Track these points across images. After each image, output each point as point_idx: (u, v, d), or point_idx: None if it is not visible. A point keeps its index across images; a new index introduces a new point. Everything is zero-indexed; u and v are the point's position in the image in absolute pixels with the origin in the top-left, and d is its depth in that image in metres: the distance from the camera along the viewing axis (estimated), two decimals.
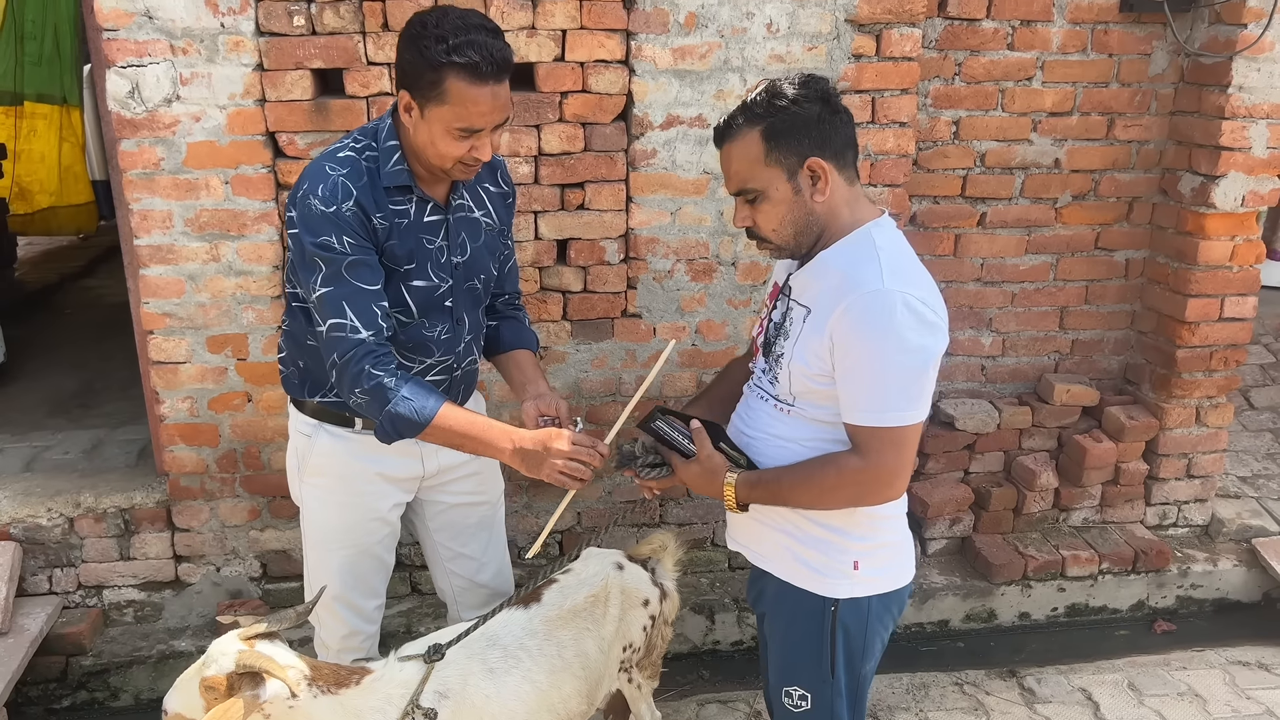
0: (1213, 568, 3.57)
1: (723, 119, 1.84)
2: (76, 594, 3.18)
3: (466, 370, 2.26)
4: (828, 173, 1.78)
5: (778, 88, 1.78)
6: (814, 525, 1.90)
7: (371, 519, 2.27)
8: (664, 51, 2.87)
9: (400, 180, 1.99)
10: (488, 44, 1.83)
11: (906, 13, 2.94)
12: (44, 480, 3.24)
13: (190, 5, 2.64)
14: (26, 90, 7.11)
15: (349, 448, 2.18)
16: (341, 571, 2.27)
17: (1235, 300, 3.41)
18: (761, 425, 1.96)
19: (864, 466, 1.78)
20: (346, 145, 2.01)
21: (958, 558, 3.56)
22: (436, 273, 2.08)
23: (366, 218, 1.95)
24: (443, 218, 2.08)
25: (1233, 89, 3.19)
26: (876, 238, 1.80)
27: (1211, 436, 3.59)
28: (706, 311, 3.16)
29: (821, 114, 1.77)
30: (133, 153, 2.74)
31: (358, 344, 1.93)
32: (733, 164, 1.83)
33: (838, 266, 1.80)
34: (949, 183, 3.38)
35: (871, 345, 1.72)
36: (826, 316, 1.77)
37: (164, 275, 2.86)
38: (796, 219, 1.81)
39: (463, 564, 2.45)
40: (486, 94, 1.85)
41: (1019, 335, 3.61)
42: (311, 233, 1.92)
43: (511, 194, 2.28)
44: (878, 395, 1.74)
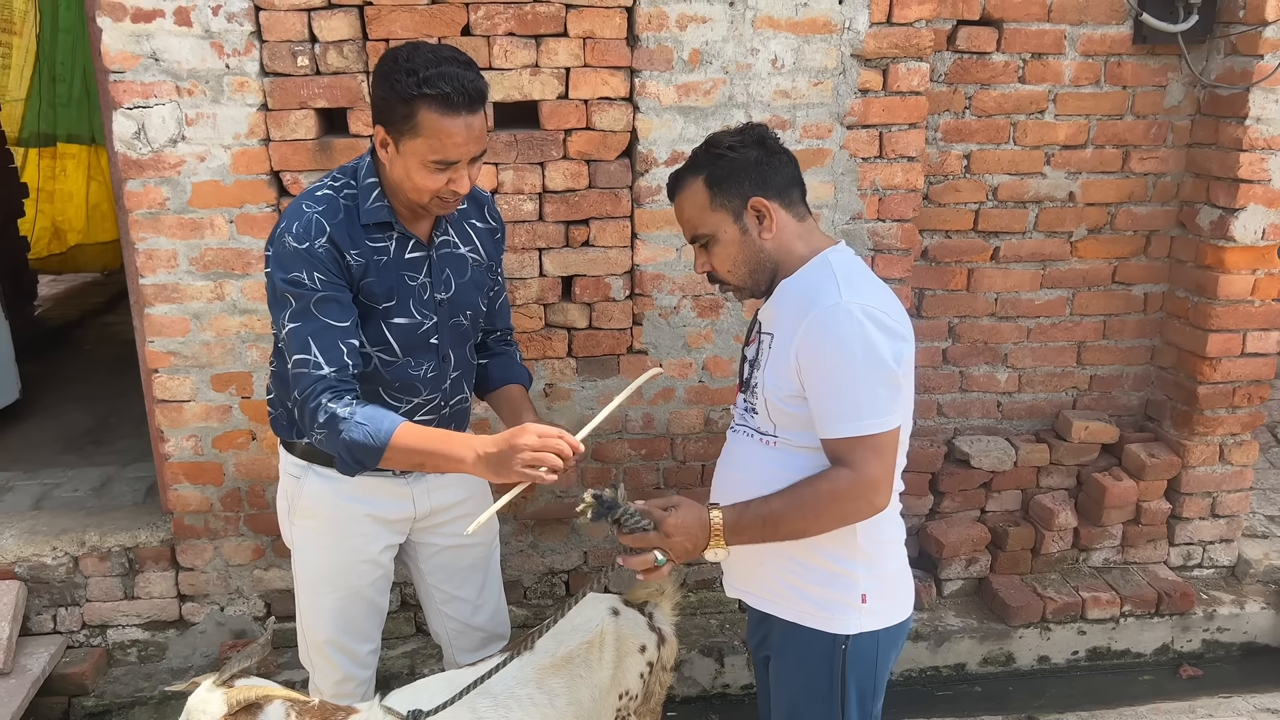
0: (1240, 610, 3.46)
1: (670, 176, 1.96)
2: (80, 633, 3.16)
3: (456, 409, 2.23)
4: (771, 210, 1.87)
5: (716, 138, 1.92)
6: (820, 557, 1.89)
7: (362, 561, 2.23)
8: (668, 88, 2.86)
9: (380, 217, 1.98)
10: (459, 75, 1.83)
11: (913, 47, 2.91)
12: (50, 518, 3.24)
13: (196, 47, 2.66)
14: (58, 131, 7.26)
15: (338, 489, 2.15)
16: (333, 615, 2.24)
17: (1258, 335, 3.33)
18: (751, 463, 1.95)
19: (854, 477, 1.78)
20: (325, 184, 2.01)
21: (974, 599, 3.47)
22: (419, 310, 2.06)
23: (340, 254, 1.94)
24: (425, 254, 2.07)
25: (1250, 120, 3.13)
26: (832, 260, 1.87)
27: (1236, 474, 3.49)
28: (713, 348, 3.12)
29: (759, 157, 1.87)
30: (138, 193, 2.75)
31: (318, 379, 1.91)
32: (684, 213, 1.93)
33: (796, 290, 1.87)
34: (961, 217, 3.33)
35: (836, 357, 1.76)
36: (789, 338, 1.83)
37: (169, 314, 2.87)
38: (748, 258, 1.89)
39: (457, 606, 2.41)
40: (460, 125, 1.84)
41: (1035, 371, 3.54)
42: (283, 269, 1.92)
43: (500, 229, 2.26)
44: (850, 405, 1.76)
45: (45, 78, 6.95)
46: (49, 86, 7.01)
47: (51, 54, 6.90)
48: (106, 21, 2.62)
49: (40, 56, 6.81)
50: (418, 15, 2.70)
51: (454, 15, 2.71)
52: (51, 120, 7.15)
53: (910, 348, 1.83)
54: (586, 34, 2.78)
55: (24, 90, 6.65)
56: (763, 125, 1.94)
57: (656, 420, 3.17)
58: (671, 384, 3.14)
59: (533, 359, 3.04)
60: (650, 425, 3.17)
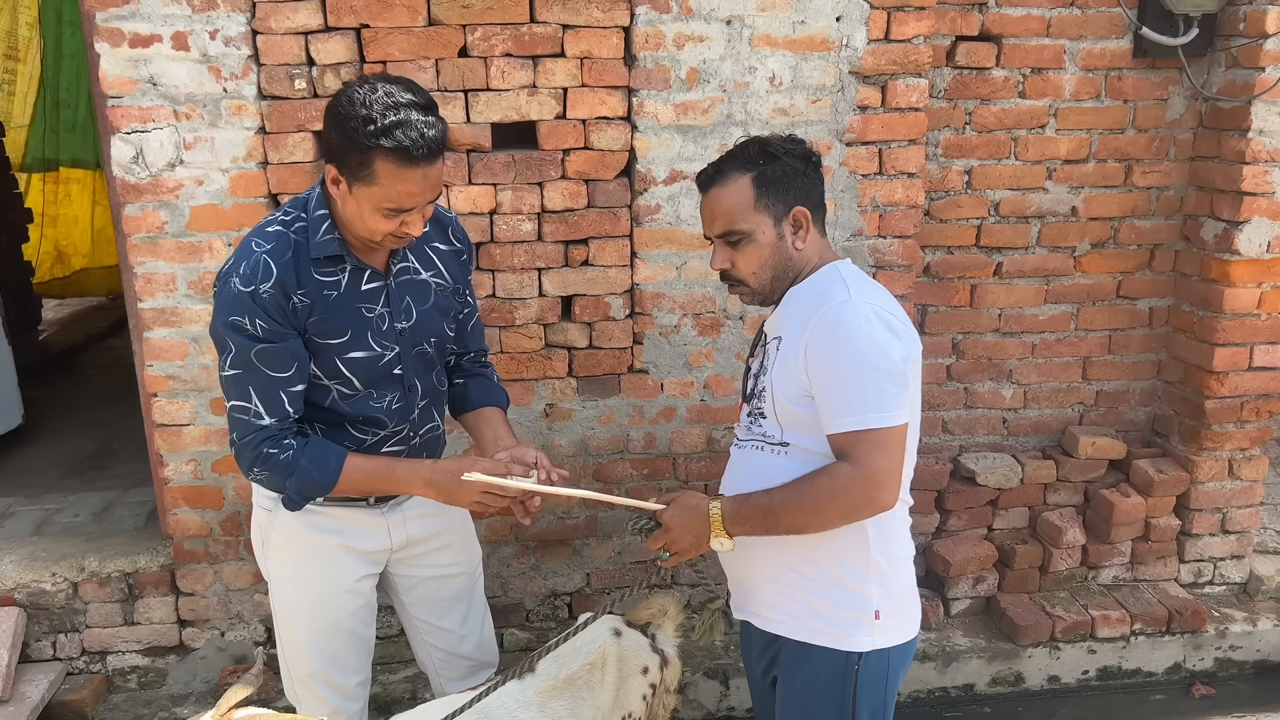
0: (1252, 628, 3.41)
1: (709, 166, 1.94)
2: (80, 660, 3.14)
3: (426, 438, 2.19)
4: (809, 222, 1.91)
5: (768, 141, 1.93)
6: (830, 568, 1.88)
7: (341, 592, 2.18)
8: (666, 107, 2.85)
9: (330, 250, 1.94)
10: (419, 124, 1.77)
11: (912, 63, 2.90)
12: (50, 544, 3.22)
13: (193, 71, 2.67)
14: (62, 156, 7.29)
15: (311, 520, 2.11)
16: (316, 648, 2.19)
17: (1265, 349, 3.30)
18: (762, 475, 1.91)
19: (855, 472, 1.77)
20: (277, 218, 1.97)
21: (982, 618, 3.43)
22: (379, 342, 2.02)
23: (285, 298, 1.90)
24: (383, 284, 2.02)
25: (1253, 133, 3.11)
26: (840, 268, 1.92)
27: (1246, 490, 3.45)
28: (715, 366, 3.10)
29: (806, 169, 1.92)
30: (136, 217, 2.75)
31: (259, 429, 1.91)
32: (720, 207, 1.91)
33: (805, 294, 1.90)
34: (963, 233, 3.32)
35: (844, 350, 1.78)
36: (798, 336, 1.84)
37: (168, 338, 2.86)
38: (776, 263, 1.91)
39: (441, 637, 2.37)
40: (417, 176, 1.80)
41: (1041, 387, 3.51)
42: (226, 312, 1.88)
43: (466, 249, 2.20)
44: (856, 398, 1.77)
45: (49, 103, 6.98)
46: (53, 112, 7.04)
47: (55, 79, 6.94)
48: (104, 47, 2.62)
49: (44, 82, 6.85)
50: (415, 37, 2.70)
51: (451, 37, 2.72)
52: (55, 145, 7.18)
53: (918, 350, 1.85)
54: (584, 54, 2.78)
55: (28, 116, 6.69)
56: (806, 142, 1.97)
57: (659, 440, 3.14)
58: (673, 403, 3.12)
59: (533, 379, 3.03)
60: (652, 445, 3.15)
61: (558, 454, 3.11)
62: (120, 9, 2.60)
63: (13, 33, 6.66)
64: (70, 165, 7.33)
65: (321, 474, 1.94)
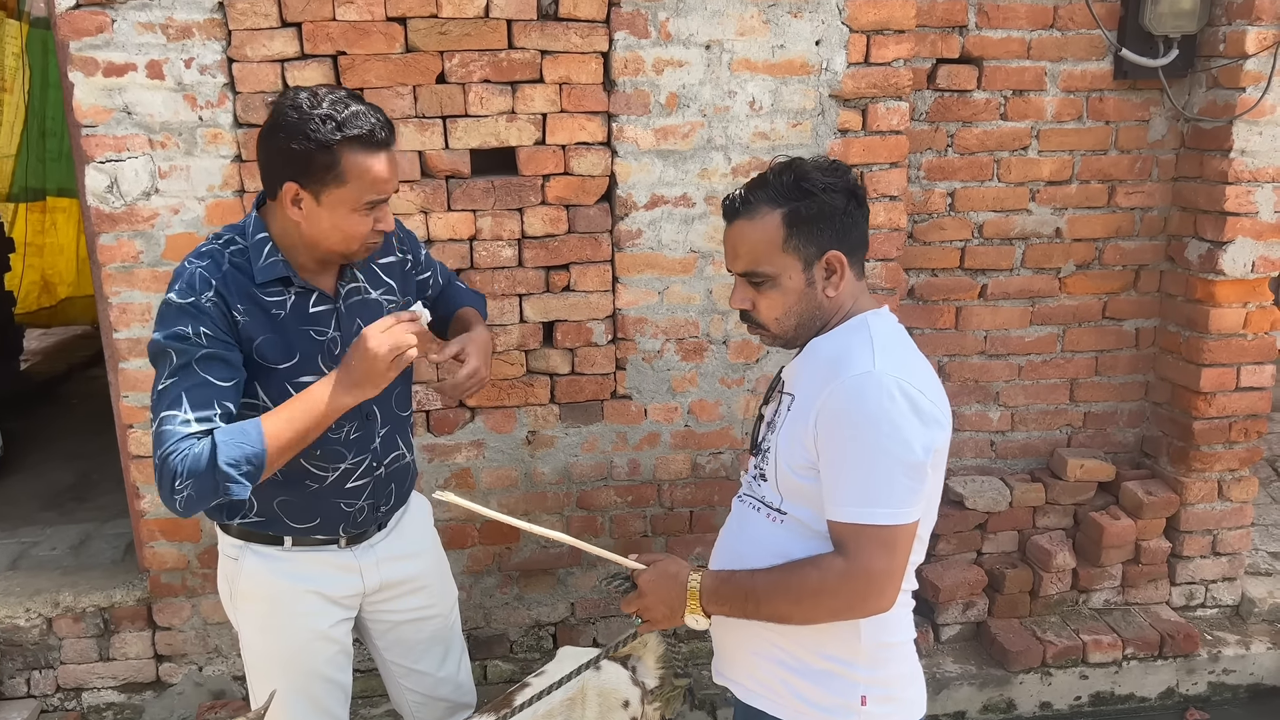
0: (1245, 651, 3.37)
1: (738, 193, 1.72)
2: (55, 697, 3.08)
3: (392, 469, 2.11)
4: (844, 267, 1.69)
5: (806, 172, 1.67)
6: (815, 657, 1.72)
7: (315, 639, 2.09)
8: (646, 132, 2.84)
9: (276, 273, 1.88)
10: (370, 113, 1.80)
11: (892, 87, 2.90)
12: (25, 579, 3.17)
13: (169, 100, 2.65)
14: (48, 185, 7.27)
15: (277, 567, 2.05)
16: (293, 698, 2.09)
17: (1252, 369, 3.28)
18: (755, 539, 1.77)
19: (848, 570, 1.59)
20: (208, 242, 1.92)
21: (972, 644, 3.38)
22: (328, 365, 1.93)
23: (227, 308, 1.83)
24: (332, 307, 1.96)
25: (1235, 153, 3.11)
26: (871, 324, 1.70)
27: (1236, 511, 3.43)
28: (698, 391, 3.07)
29: (847, 206, 1.68)
30: (111, 246, 2.72)
31: (183, 437, 1.72)
32: (745, 243, 1.70)
33: (826, 351, 1.70)
34: (947, 255, 3.30)
35: (859, 432, 1.58)
36: (811, 401, 1.65)
37: (144, 368, 2.82)
38: (802, 310, 1.71)
39: (417, 679, 2.30)
40: (383, 161, 1.81)
41: (1028, 409, 3.49)
42: (165, 325, 1.79)
43: (410, 251, 2.17)
44: (865, 488, 1.58)
45: (35, 133, 6.96)
46: (38, 141, 7.02)
47: (42, 109, 6.93)
48: (78, 76, 2.60)
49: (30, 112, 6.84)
50: (392, 64, 2.69)
51: (428, 63, 2.70)
52: (41, 175, 7.16)
53: (945, 435, 1.67)
54: (562, 80, 2.77)
55: (14, 146, 6.67)
56: (851, 170, 1.73)
57: (643, 466, 3.11)
58: (657, 429, 3.09)
59: (514, 406, 2.99)
60: (637, 471, 3.11)
61: (540, 481, 3.07)
62: (94, 38, 2.58)
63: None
64: (56, 194, 7.31)
65: (244, 438, 1.73)
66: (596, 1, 2.73)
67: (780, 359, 3.02)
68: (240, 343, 1.86)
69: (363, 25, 2.65)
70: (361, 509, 2.07)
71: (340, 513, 2.05)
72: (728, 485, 3.14)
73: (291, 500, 2.01)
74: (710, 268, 2.96)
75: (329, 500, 2.03)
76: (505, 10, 2.69)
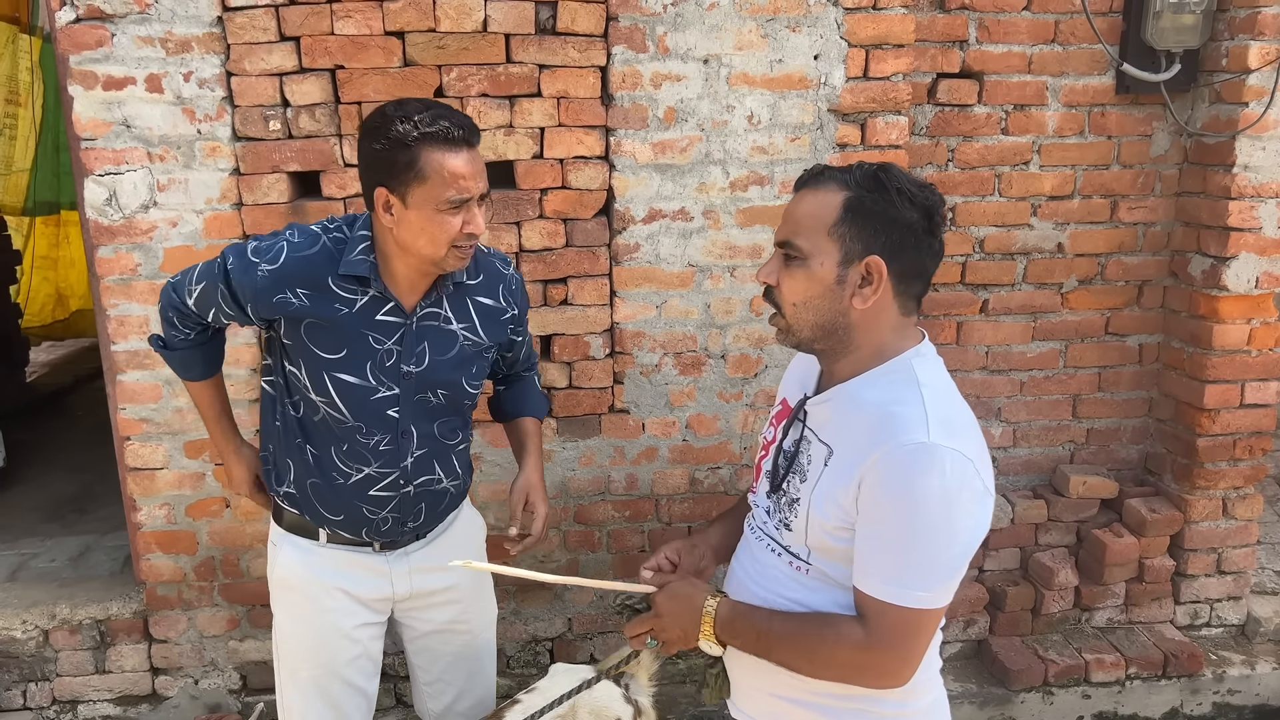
0: (1250, 671, 3.33)
1: (816, 166, 1.63)
2: (50, 709, 3.08)
3: (423, 490, 2.11)
4: (881, 282, 1.53)
5: (892, 173, 1.54)
6: (841, 698, 1.63)
7: (338, 637, 2.14)
8: (644, 146, 2.84)
9: (358, 270, 1.93)
10: (451, 114, 1.85)
11: (891, 101, 2.89)
12: (23, 590, 3.17)
13: (167, 113, 2.66)
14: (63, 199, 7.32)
15: (310, 561, 2.11)
16: (313, 694, 2.16)
17: (1256, 385, 3.25)
18: (775, 586, 1.66)
19: (867, 645, 1.50)
20: (323, 222, 2.02)
21: (973, 662, 3.35)
22: (376, 375, 1.97)
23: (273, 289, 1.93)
24: (404, 322, 1.98)
25: (1238, 168, 3.09)
26: (919, 371, 1.55)
27: (1241, 529, 3.39)
28: (696, 406, 3.06)
29: (915, 223, 1.52)
30: (110, 259, 2.73)
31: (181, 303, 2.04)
32: (797, 211, 1.57)
33: (874, 403, 1.53)
34: (948, 269, 3.29)
35: (907, 510, 1.45)
36: (857, 462, 1.50)
37: (141, 380, 2.83)
38: (822, 308, 1.55)
39: (440, 688, 2.34)
40: (464, 159, 1.84)
41: (1030, 425, 3.46)
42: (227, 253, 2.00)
43: (513, 311, 2.15)
44: (901, 567, 1.47)
45: (49, 147, 7.01)
46: (52, 156, 7.06)
47: (55, 124, 6.97)
48: (78, 90, 2.62)
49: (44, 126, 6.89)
50: (390, 78, 2.69)
51: (426, 77, 2.71)
52: (55, 189, 7.20)
53: (991, 511, 1.54)
54: (560, 94, 2.77)
55: (29, 160, 6.70)
56: (942, 197, 1.58)
57: (640, 481, 3.09)
58: (655, 443, 3.07)
59: None
60: (634, 486, 3.10)
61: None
62: (94, 52, 2.59)
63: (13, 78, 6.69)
64: (70, 208, 7.35)
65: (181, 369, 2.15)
66: (594, 16, 2.73)
67: (778, 375, 3.01)
68: (274, 318, 1.97)
69: (361, 39, 2.66)
70: (386, 519, 2.10)
71: (363, 517, 2.09)
72: (726, 500, 3.13)
73: (321, 488, 2.06)
74: (708, 282, 2.96)
75: (352, 500, 2.07)
76: (503, 25, 2.70)
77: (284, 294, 1.92)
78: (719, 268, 2.95)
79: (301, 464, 2.06)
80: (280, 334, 1.99)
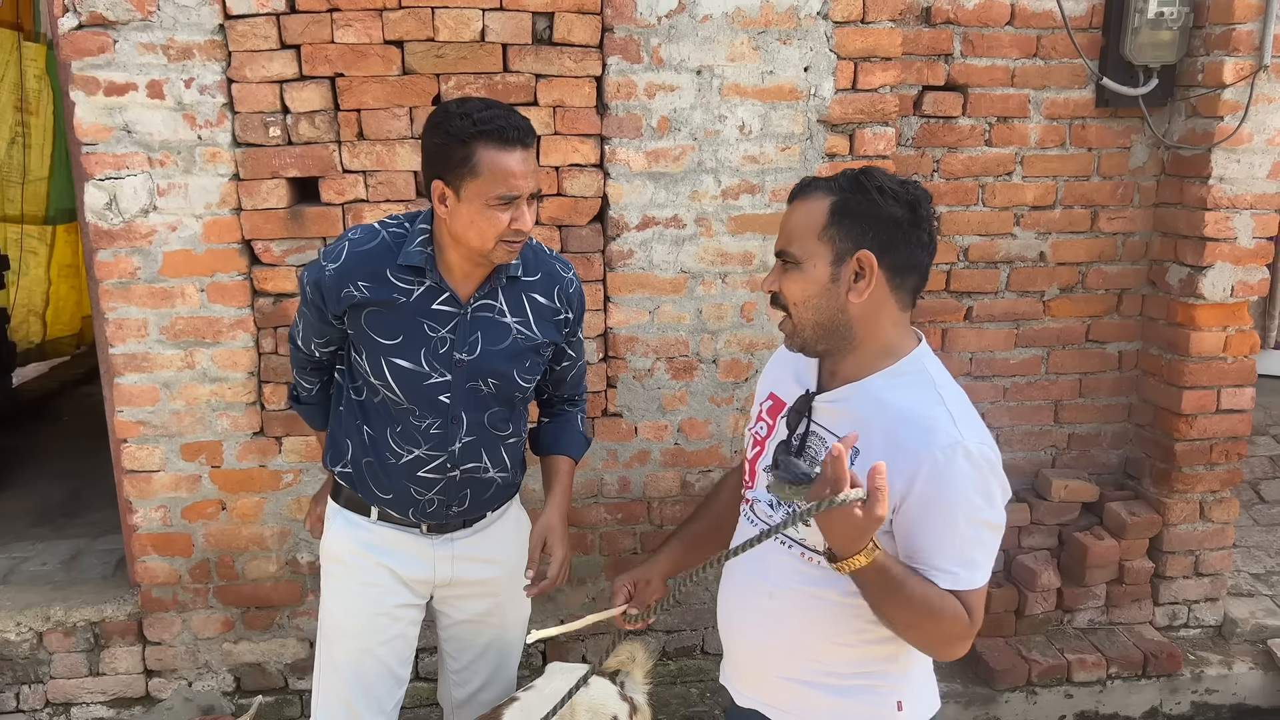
0: (1228, 671, 3.41)
1: (805, 178, 1.74)
2: (44, 712, 3.08)
3: (469, 476, 2.18)
4: (873, 275, 1.61)
5: (873, 172, 1.65)
6: (850, 676, 1.74)
7: (377, 613, 2.22)
8: (638, 155, 2.89)
9: (414, 260, 2.03)
10: (508, 114, 1.94)
11: (879, 112, 2.96)
12: (16, 593, 3.17)
13: (168, 119, 2.69)
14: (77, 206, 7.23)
15: (357, 535, 2.21)
16: (349, 670, 2.21)
17: (1232, 392, 3.34)
18: (785, 579, 1.72)
19: (970, 624, 1.60)
20: (384, 220, 2.13)
21: (958, 663, 3.40)
22: (430, 361, 2.06)
23: (339, 285, 2.04)
24: (459, 312, 2.07)
25: (1214, 180, 3.18)
26: (933, 372, 1.66)
27: (1218, 532, 3.47)
28: (688, 410, 3.11)
29: (901, 218, 1.61)
30: (109, 263, 2.76)
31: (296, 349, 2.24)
32: (790, 221, 1.69)
33: (900, 407, 1.61)
34: (933, 278, 3.28)
35: (961, 507, 1.57)
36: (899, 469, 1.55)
37: (138, 383, 2.85)
38: (821, 306, 1.64)
39: (466, 677, 2.42)
40: (516, 158, 1.91)
41: (1013, 430, 3.53)
42: (309, 269, 2.13)
43: (568, 313, 2.20)
44: (970, 556, 1.59)
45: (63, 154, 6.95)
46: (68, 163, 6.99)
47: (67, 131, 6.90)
48: (80, 95, 2.64)
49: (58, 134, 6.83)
50: (389, 86, 2.74)
51: (425, 86, 2.75)
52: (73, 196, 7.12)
53: None
54: (556, 102, 2.82)
55: (46, 168, 6.64)
56: (926, 192, 1.67)
57: (632, 483, 3.14)
58: (648, 446, 3.12)
59: None
60: (626, 489, 3.14)
61: (531, 499, 3.09)
62: (96, 58, 2.62)
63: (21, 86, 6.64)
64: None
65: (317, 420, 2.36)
66: (590, 27, 2.79)
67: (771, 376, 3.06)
68: (343, 313, 2.08)
69: (360, 48, 2.70)
70: (432, 501, 2.18)
71: (410, 497, 2.18)
72: None
73: (374, 466, 2.17)
74: (700, 288, 3.01)
75: (401, 480, 2.16)
76: (501, 35, 2.75)
77: (348, 287, 2.03)
78: (711, 274, 3.01)
79: (359, 444, 2.17)
80: (347, 324, 2.10)
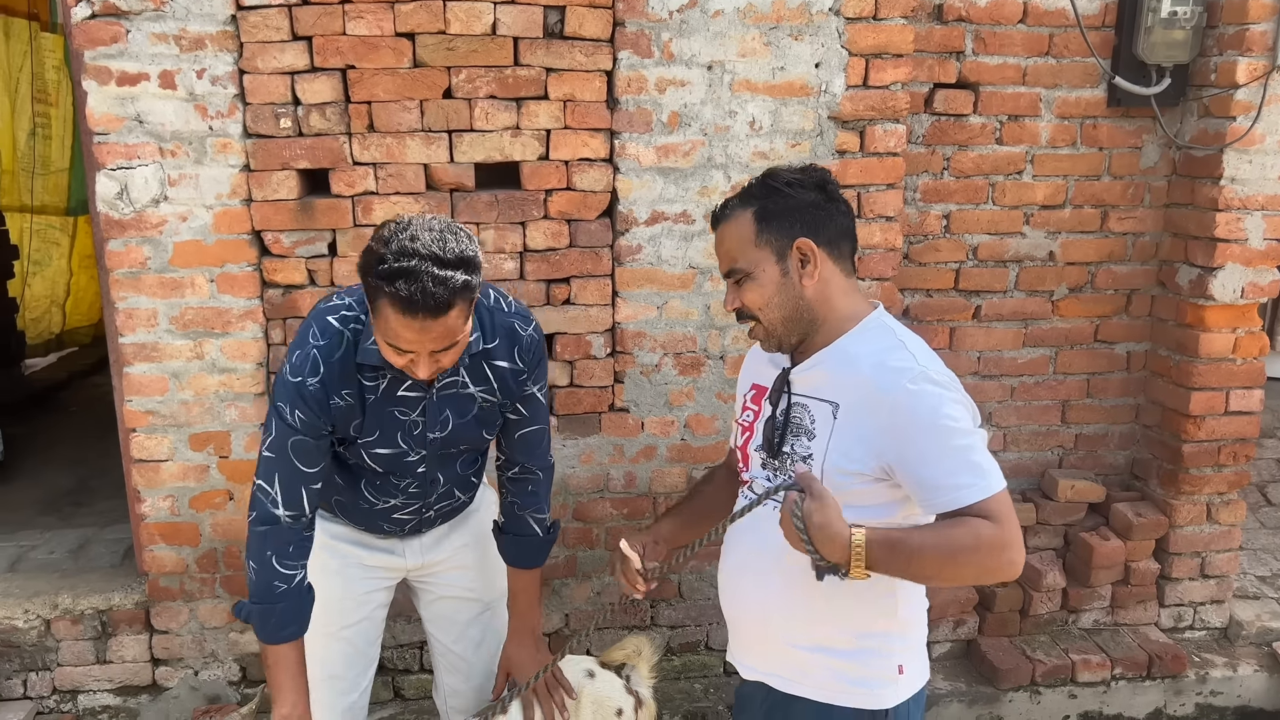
0: (1233, 673, 3.40)
1: (719, 204, 1.86)
2: (51, 699, 3.10)
3: (441, 509, 2.25)
4: (816, 256, 1.76)
5: (774, 172, 1.81)
6: (853, 639, 1.81)
7: (344, 597, 2.24)
8: (647, 150, 2.89)
9: (373, 360, 1.94)
10: (426, 277, 1.72)
11: (890, 109, 2.95)
12: (24, 581, 3.19)
13: (180, 109, 2.70)
14: None
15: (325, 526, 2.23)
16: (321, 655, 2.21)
17: (1240, 393, 3.33)
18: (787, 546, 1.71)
19: (999, 528, 1.62)
20: (341, 309, 1.99)
21: (962, 662, 3.41)
22: (406, 442, 2.06)
23: (327, 397, 1.95)
24: (423, 396, 2.03)
25: (1225, 181, 3.16)
26: (890, 324, 1.79)
27: (1224, 534, 3.46)
28: (695, 405, 3.11)
29: (817, 200, 1.77)
30: (119, 252, 2.77)
31: (274, 519, 1.97)
32: (725, 244, 1.82)
33: (866, 354, 1.74)
34: (941, 276, 3.35)
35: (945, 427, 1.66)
36: (868, 413, 1.69)
37: (148, 373, 2.86)
38: (784, 302, 1.77)
39: (453, 661, 2.42)
40: (414, 328, 1.76)
41: (1020, 430, 3.53)
42: (277, 395, 1.96)
43: (527, 370, 2.11)
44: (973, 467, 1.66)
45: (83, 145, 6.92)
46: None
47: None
48: (92, 85, 2.65)
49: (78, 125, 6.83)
50: (400, 79, 2.74)
51: (435, 79, 2.76)
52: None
53: None
54: (567, 96, 2.82)
55: (67, 159, 6.64)
56: (825, 170, 1.83)
57: (639, 479, 3.14)
58: (654, 441, 3.12)
59: None
60: (632, 484, 3.15)
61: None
62: (108, 48, 2.63)
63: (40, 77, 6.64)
64: None
65: (269, 633, 2.02)
66: (601, 21, 2.79)
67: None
68: (335, 423, 1.99)
69: (372, 40, 2.70)
70: (403, 524, 2.24)
71: (382, 529, 2.26)
72: None
73: (346, 505, 2.21)
74: (708, 284, 3.01)
75: (375, 519, 2.22)
76: (512, 28, 2.75)
77: (334, 399, 1.96)
78: (719, 270, 3.00)
79: (329, 483, 2.12)
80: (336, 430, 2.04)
